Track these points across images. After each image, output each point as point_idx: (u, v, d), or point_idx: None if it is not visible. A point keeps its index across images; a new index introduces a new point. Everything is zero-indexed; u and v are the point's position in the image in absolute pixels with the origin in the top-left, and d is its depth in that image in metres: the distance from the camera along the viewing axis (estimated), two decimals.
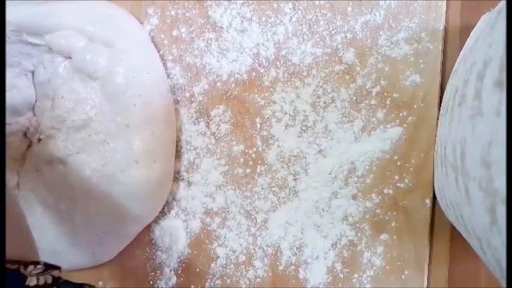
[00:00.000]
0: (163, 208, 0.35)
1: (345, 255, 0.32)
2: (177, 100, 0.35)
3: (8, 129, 0.34)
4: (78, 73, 0.33)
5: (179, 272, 0.35)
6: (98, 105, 0.33)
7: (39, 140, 0.34)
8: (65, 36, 0.33)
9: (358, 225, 0.32)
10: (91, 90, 0.33)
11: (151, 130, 0.33)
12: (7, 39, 0.33)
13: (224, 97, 0.34)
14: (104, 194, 0.32)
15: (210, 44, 0.34)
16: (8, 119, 0.34)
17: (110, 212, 0.33)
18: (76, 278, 0.36)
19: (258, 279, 0.33)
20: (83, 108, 0.32)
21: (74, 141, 0.33)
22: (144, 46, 0.35)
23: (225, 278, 0.34)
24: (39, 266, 0.23)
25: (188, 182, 0.35)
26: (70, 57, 0.33)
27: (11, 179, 0.35)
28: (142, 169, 0.32)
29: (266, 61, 0.33)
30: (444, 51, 0.31)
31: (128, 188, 0.32)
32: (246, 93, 0.34)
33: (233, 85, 0.34)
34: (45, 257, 0.34)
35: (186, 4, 0.35)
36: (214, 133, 0.34)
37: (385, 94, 0.31)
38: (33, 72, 0.35)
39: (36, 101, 0.35)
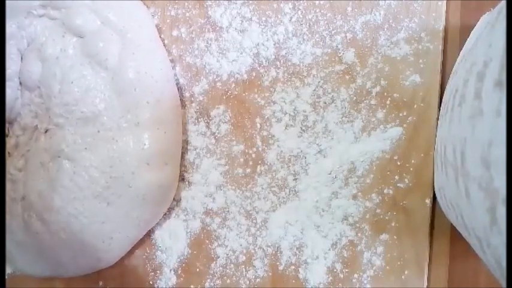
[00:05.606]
0: None
1: (345, 255, 0.32)
2: None
3: (27, 108, 0.33)
4: (89, 58, 0.32)
5: (179, 272, 0.35)
6: (107, 99, 0.31)
7: (47, 131, 0.33)
8: (79, 14, 0.32)
9: (358, 225, 0.32)
10: (101, 81, 0.32)
11: (163, 130, 0.32)
12: (34, 12, 0.33)
13: (224, 97, 0.34)
14: (112, 198, 0.31)
15: (210, 44, 0.34)
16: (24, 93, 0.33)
17: (118, 217, 0.32)
18: (76, 279, 0.36)
19: (258, 279, 0.33)
20: (92, 100, 0.31)
21: (83, 136, 0.31)
22: (156, 39, 0.34)
23: (225, 278, 0.34)
24: None
25: (188, 182, 0.35)
26: (81, 37, 0.32)
27: (13, 189, 0.34)
28: (154, 172, 0.31)
29: (266, 61, 0.33)
30: (444, 51, 0.31)
31: (137, 192, 0.31)
32: (246, 93, 0.34)
33: (233, 85, 0.34)
34: (50, 265, 0.34)
35: (186, 4, 0.35)
36: (214, 133, 0.34)
37: (385, 94, 0.31)
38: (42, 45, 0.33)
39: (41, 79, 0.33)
